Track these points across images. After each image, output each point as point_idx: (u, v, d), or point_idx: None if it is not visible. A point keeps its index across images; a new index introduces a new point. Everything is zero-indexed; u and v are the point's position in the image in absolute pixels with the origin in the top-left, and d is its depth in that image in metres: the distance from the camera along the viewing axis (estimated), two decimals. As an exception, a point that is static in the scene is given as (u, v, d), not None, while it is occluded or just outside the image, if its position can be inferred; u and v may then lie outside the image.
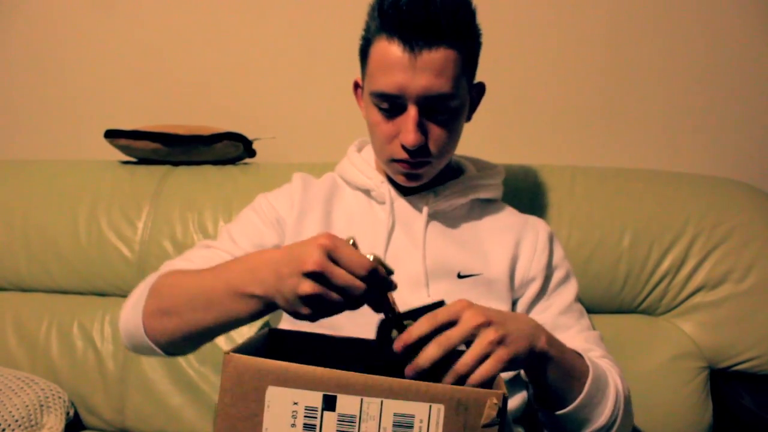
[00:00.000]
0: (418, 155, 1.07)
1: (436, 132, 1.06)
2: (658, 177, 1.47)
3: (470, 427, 0.68)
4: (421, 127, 1.05)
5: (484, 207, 1.22)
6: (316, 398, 0.69)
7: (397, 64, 1.01)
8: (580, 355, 0.96)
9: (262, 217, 1.19)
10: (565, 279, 1.18)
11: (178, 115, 1.76)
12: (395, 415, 0.68)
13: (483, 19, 1.08)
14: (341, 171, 1.25)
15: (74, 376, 1.46)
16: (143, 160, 1.65)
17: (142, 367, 1.44)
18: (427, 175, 1.12)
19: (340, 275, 0.75)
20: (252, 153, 1.66)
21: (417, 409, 0.68)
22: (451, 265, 1.13)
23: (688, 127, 1.67)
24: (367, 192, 1.20)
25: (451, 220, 1.18)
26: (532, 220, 1.22)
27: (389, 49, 1.02)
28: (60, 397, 1.40)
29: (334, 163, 1.28)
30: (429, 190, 1.18)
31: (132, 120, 1.68)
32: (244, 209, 1.24)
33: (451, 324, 0.79)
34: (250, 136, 1.64)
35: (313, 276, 0.75)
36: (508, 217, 1.22)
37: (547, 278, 1.16)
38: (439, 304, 0.82)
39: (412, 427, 0.68)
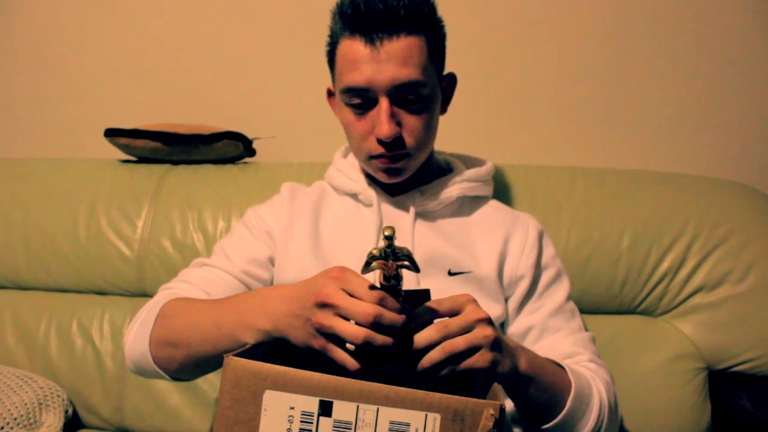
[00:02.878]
0: (394, 148, 1.06)
1: (410, 122, 1.06)
2: (658, 178, 1.46)
3: (466, 437, 0.68)
4: (395, 119, 1.05)
5: (473, 204, 1.22)
6: (312, 403, 0.70)
7: (362, 58, 1.02)
8: (563, 368, 0.97)
9: (253, 231, 1.20)
10: (556, 278, 1.18)
11: (178, 114, 1.76)
12: (391, 422, 0.68)
13: (482, 20, 1.08)
14: (328, 178, 1.25)
15: (73, 375, 1.46)
16: (143, 159, 1.65)
17: (141, 365, 1.44)
18: (408, 168, 1.11)
19: (351, 305, 0.76)
20: (252, 152, 1.66)
21: (413, 418, 0.68)
22: (441, 263, 1.13)
23: (687, 128, 1.67)
24: (354, 196, 1.21)
25: (439, 218, 1.18)
26: (523, 217, 1.21)
27: (353, 46, 1.03)
28: (59, 396, 1.40)
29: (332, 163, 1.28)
30: (415, 189, 1.18)
31: (132, 119, 1.68)
32: (236, 224, 1.26)
33: (452, 315, 0.81)
34: (250, 136, 1.64)
35: (326, 306, 0.77)
36: (498, 214, 1.21)
37: (537, 277, 1.16)
38: (424, 292, 0.84)
39: (407, 435, 0.69)
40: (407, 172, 1.12)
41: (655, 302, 1.40)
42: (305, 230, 1.17)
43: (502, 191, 1.44)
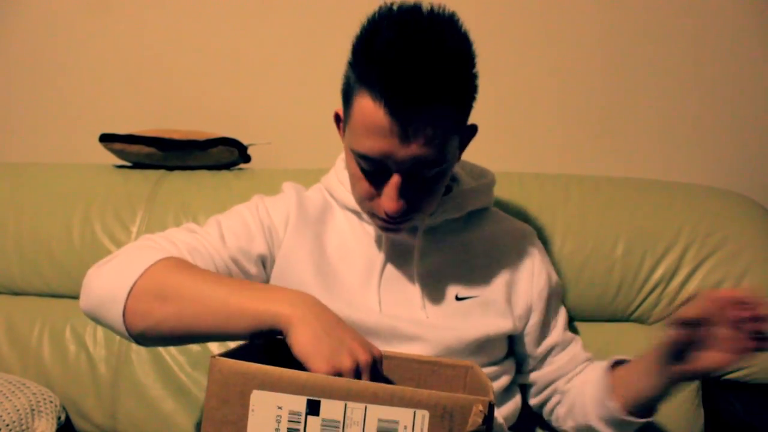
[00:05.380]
0: (398, 218, 1.00)
1: (419, 194, 0.99)
2: (652, 186, 1.47)
3: (455, 434, 0.68)
4: (404, 193, 0.96)
5: (478, 218, 1.20)
6: (300, 403, 0.69)
7: (383, 132, 0.90)
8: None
9: (256, 222, 1.12)
10: (557, 292, 1.22)
11: (174, 119, 1.76)
12: (379, 420, 0.68)
13: (478, 26, 1.03)
14: (330, 187, 1.19)
15: (66, 381, 1.45)
16: (138, 165, 1.64)
17: (135, 371, 1.43)
18: (408, 227, 1.06)
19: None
20: (247, 158, 1.66)
21: (401, 415, 0.68)
22: (448, 287, 1.12)
23: (681, 136, 1.68)
24: (357, 214, 1.15)
25: (445, 236, 1.16)
26: (526, 237, 1.22)
27: (376, 114, 0.90)
28: (51, 402, 1.39)
29: (329, 170, 1.27)
30: None
31: (127, 124, 1.68)
32: (239, 207, 1.17)
33: None
34: (245, 142, 1.63)
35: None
36: (502, 229, 1.21)
37: (549, 300, 1.18)
38: None
39: (396, 433, 0.69)
40: (407, 229, 1.09)
41: (649, 310, 1.40)
42: (310, 243, 1.12)
43: (496, 198, 1.44)
